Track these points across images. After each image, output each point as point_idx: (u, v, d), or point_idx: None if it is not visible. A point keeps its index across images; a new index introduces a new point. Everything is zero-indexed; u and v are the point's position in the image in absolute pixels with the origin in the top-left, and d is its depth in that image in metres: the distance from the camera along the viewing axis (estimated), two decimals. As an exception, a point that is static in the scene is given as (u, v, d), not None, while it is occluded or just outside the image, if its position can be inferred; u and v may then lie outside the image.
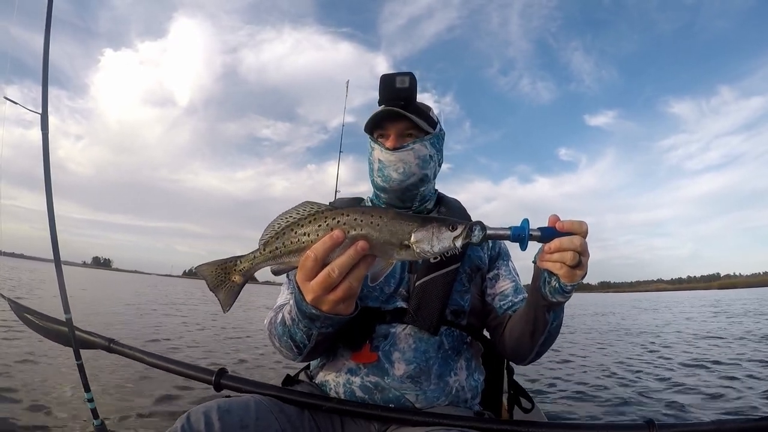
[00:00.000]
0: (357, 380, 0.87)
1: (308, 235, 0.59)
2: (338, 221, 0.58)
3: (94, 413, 1.37)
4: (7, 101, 1.38)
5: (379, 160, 0.97)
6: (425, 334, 0.89)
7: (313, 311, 0.64)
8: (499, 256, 1.04)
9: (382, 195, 1.02)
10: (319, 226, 0.59)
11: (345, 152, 2.88)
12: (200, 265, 0.66)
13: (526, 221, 0.64)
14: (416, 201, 1.01)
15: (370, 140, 1.00)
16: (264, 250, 0.62)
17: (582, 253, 0.63)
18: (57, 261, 1.40)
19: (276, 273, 0.65)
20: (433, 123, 1.01)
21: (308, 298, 0.62)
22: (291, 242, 0.60)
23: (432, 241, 0.59)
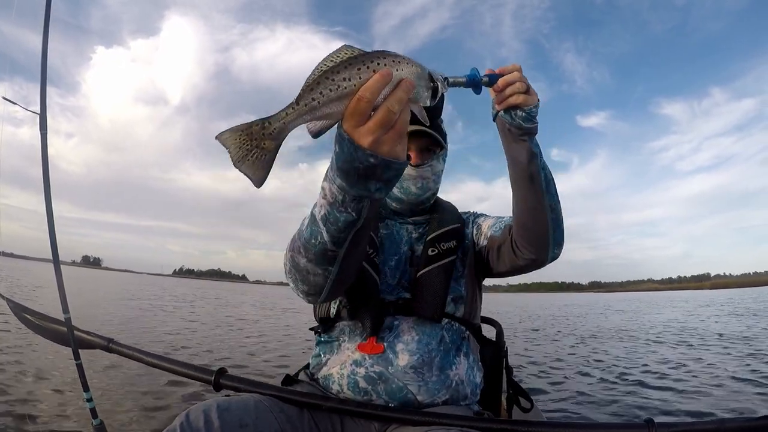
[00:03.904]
0: (361, 371, 0.88)
1: (349, 79, 0.53)
2: (379, 63, 0.54)
3: (93, 413, 1.37)
4: (6, 101, 1.38)
5: None
6: (428, 326, 0.93)
7: (371, 159, 0.56)
8: (475, 219, 1.12)
9: (394, 204, 1.07)
10: (359, 69, 0.53)
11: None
12: (222, 133, 0.56)
13: (475, 69, 0.73)
14: (424, 210, 1.09)
15: None
16: (298, 104, 0.53)
17: (525, 80, 0.74)
18: (56, 261, 1.40)
19: (315, 133, 0.56)
20: (444, 135, 1.06)
21: (366, 142, 0.55)
22: (330, 90, 0.53)
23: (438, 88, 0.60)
